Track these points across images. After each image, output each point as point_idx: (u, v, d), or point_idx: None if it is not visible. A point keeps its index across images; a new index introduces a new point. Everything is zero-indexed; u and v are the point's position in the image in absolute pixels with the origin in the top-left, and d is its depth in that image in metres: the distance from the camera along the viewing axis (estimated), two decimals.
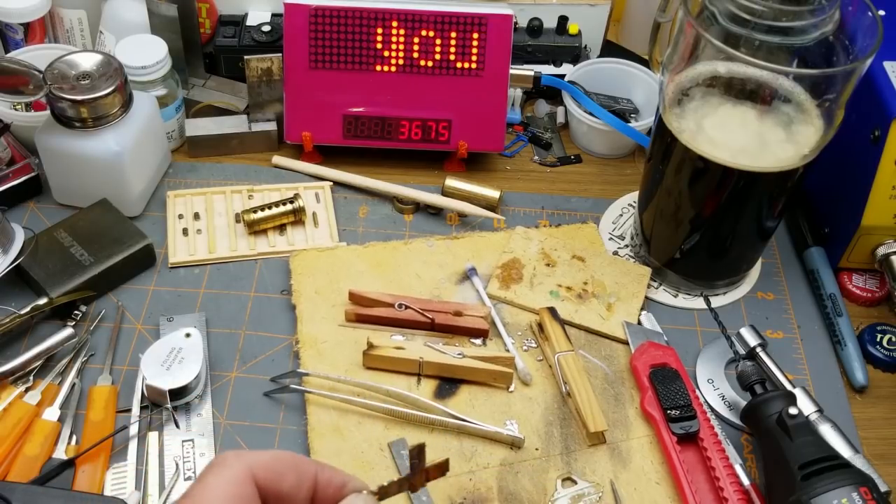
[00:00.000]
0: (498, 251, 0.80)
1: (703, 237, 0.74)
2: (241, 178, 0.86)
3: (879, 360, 0.75)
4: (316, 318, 0.74)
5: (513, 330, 0.74)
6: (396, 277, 0.77)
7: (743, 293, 0.80)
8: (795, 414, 0.62)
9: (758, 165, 0.67)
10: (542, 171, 0.90)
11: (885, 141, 0.72)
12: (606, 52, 0.99)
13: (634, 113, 0.93)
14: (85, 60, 0.76)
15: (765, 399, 0.65)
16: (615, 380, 0.72)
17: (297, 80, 0.84)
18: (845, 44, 0.66)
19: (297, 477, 0.37)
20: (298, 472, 0.37)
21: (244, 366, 0.72)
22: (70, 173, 0.79)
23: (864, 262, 0.80)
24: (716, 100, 0.69)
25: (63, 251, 0.75)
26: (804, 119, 0.67)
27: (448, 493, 0.64)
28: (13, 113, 0.83)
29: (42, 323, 0.73)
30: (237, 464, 0.35)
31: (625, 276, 0.78)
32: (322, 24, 0.82)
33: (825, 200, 0.83)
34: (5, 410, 0.66)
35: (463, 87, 0.85)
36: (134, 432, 0.66)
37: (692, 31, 0.65)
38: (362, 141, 0.87)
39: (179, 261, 0.78)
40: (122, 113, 0.77)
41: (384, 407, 0.67)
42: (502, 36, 0.83)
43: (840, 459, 0.60)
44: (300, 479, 0.37)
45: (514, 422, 0.68)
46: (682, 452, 0.65)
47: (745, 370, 0.68)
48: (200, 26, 0.90)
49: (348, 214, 0.84)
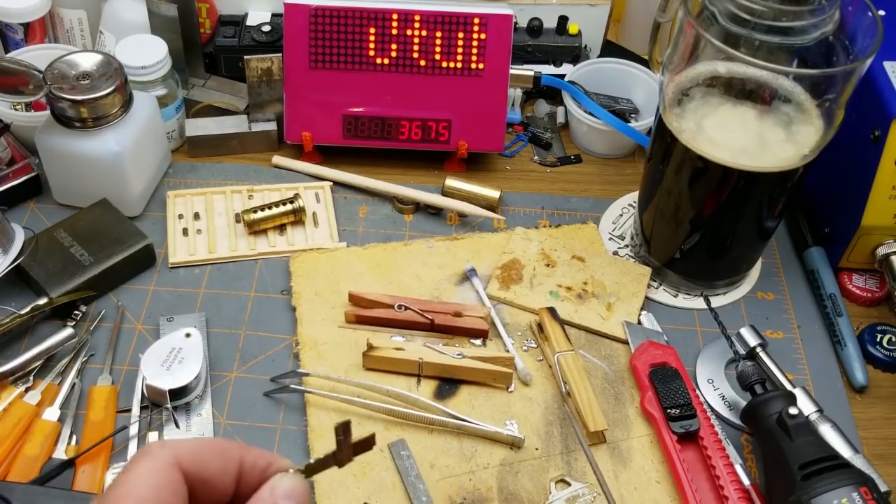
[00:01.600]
0: (498, 252, 0.80)
1: (703, 237, 0.74)
2: (241, 178, 0.86)
3: (879, 360, 0.75)
4: (316, 320, 0.74)
5: (512, 330, 0.74)
6: (396, 278, 0.77)
7: (743, 293, 0.80)
8: (795, 414, 0.62)
9: (758, 165, 0.67)
10: (542, 171, 0.90)
11: (885, 141, 0.72)
12: (606, 52, 0.99)
13: (634, 113, 0.93)
14: (85, 60, 0.76)
15: (765, 399, 0.65)
16: (615, 379, 0.72)
17: (297, 80, 0.84)
18: (845, 44, 0.66)
19: (222, 461, 0.38)
20: (223, 457, 0.38)
21: (244, 366, 0.72)
22: (70, 173, 0.79)
23: (864, 262, 0.80)
24: (716, 100, 0.69)
25: (63, 251, 0.75)
26: (804, 119, 0.67)
27: (448, 493, 0.64)
28: (13, 113, 0.83)
29: (42, 323, 0.73)
30: (162, 452, 0.37)
31: (625, 276, 0.78)
32: (322, 24, 0.82)
33: (825, 200, 0.83)
34: (5, 410, 0.66)
35: (463, 87, 0.85)
36: (134, 432, 0.66)
37: (692, 31, 0.65)
38: (362, 141, 0.87)
39: (179, 261, 0.78)
40: (122, 113, 0.77)
41: (384, 407, 0.67)
42: (502, 36, 0.83)
43: (840, 459, 0.60)
44: (225, 463, 0.38)
45: (514, 422, 0.68)
46: (682, 452, 0.65)
47: (746, 370, 0.68)
48: (200, 26, 0.90)
49: (348, 214, 0.84)
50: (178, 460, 0.37)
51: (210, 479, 0.38)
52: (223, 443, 0.39)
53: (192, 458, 0.37)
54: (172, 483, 0.36)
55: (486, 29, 0.83)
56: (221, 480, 0.38)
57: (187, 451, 0.37)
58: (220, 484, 0.38)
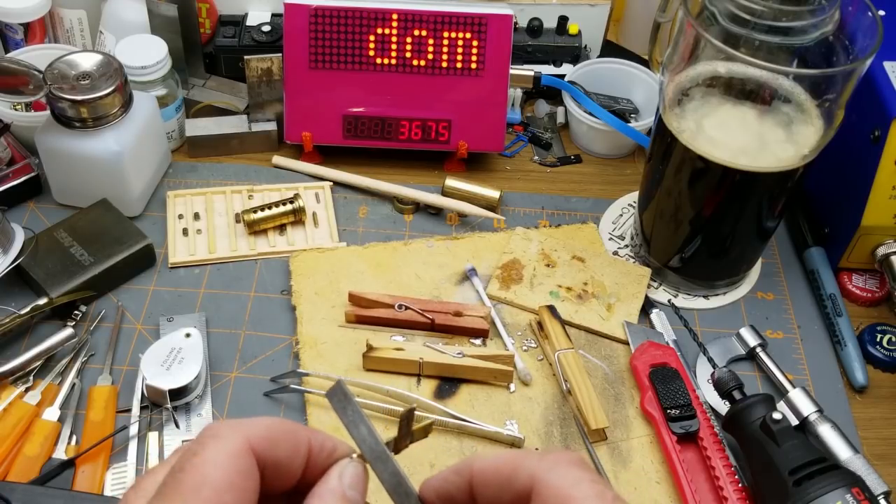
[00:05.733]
0: (498, 252, 0.80)
1: (703, 237, 0.74)
2: (241, 178, 0.86)
3: (879, 360, 0.75)
4: (316, 319, 0.74)
5: (513, 330, 0.74)
6: (396, 278, 0.77)
7: (743, 293, 0.80)
8: (779, 419, 0.62)
9: (758, 165, 0.67)
10: (542, 171, 0.90)
11: (885, 141, 0.72)
12: (606, 52, 0.99)
13: (634, 113, 0.93)
14: (85, 60, 0.76)
15: (746, 405, 0.64)
16: (615, 379, 0.72)
17: (297, 80, 0.84)
18: (845, 44, 0.66)
19: (292, 444, 0.36)
20: (294, 440, 0.36)
21: (244, 366, 0.72)
22: (70, 173, 0.79)
23: (864, 262, 0.80)
24: (716, 100, 0.69)
25: (63, 251, 0.75)
26: (804, 119, 0.67)
27: None
28: (13, 113, 0.83)
29: (42, 323, 0.73)
30: (234, 434, 0.34)
31: (625, 277, 0.78)
32: (322, 24, 0.82)
33: (825, 200, 0.83)
34: (5, 410, 0.66)
35: (463, 87, 0.85)
36: (134, 432, 0.66)
37: (692, 31, 0.65)
38: (362, 141, 0.87)
39: (179, 261, 0.78)
40: (122, 113, 0.77)
41: (384, 407, 0.67)
42: (502, 36, 0.83)
43: (828, 461, 0.60)
44: (296, 446, 0.36)
45: (514, 422, 0.68)
46: (681, 452, 0.65)
47: (723, 377, 0.67)
48: (200, 26, 0.90)
49: (348, 214, 0.84)
50: (251, 443, 0.34)
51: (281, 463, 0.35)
52: (292, 424, 0.36)
53: (265, 441, 0.34)
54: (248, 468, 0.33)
55: (486, 29, 0.83)
56: (291, 464, 0.35)
57: (259, 432, 0.34)
58: (290, 468, 0.35)
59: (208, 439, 0.33)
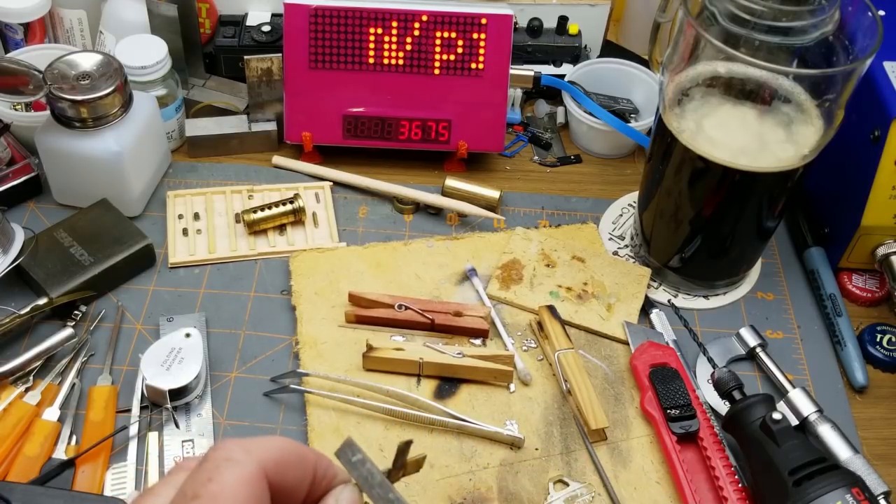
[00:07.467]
0: (498, 252, 0.80)
1: (703, 237, 0.74)
2: (241, 178, 0.86)
3: (879, 360, 0.75)
4: (316, 319, 0.74)
5: (513, 330, 0.74)
6: (396, 278, 0.77)
7: (743, 293, 0.80)
8: (779, 419, 0.62)
9: (758, 165, 0.67)
10: (541, 172, 0.90)
11: (885, 141, 0.72)
12: (606, 52, 0.99)
13: (634, 113, 0.93)
14: (85, 60, 0.76)
15: (746, 405, 0.64)
16: (615, 379, 0.72)
17: (297, 80, 0.84)
18: (845, 44, 0.66)
19: (301, 470, 0.36)
20: (302, 465, 0.36)
21: (244, 366, 0.72)
22: (70, 173, 0.79)
23: (864, 262, 0.80)
24: (716, 100, 0.69)
25: (63, 251, 0.75)
26: (804, 119, 0.67)
27: (448, 493, 0.64)
28: (13, 113, 0.83)
29: (42, 323, 0.73)
30: (248, 460, 0.33)
31: (625, 277, 0.78)
32: (322, 24, 0.82)
33: (825, 200, 0.83)
34: (5, 410, 0.66)
35: (463, 87, 0.85)
36: (134, 432, 0.66)
37: (692, 31, 0.65)
38: (362, 141, 0.87)
39: (179, 261, 0.78)
40: (122, 113, 0.77)
41: (384, 407, 0.67)
42: (502, 36, 0.83)
43: (828, 461, 0.60)
44: (304, 472, 0.36)
45: (513, 422, 0.68)
46: (681, 452, 0.65)
47: (722, 377, 0.67)
48: (200, 26, 0.90)
49: (348, 214, 0.84)
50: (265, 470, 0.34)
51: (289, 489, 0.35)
52: (302, 449, 0.36)
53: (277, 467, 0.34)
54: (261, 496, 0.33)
55: (486, 29, 0.83)
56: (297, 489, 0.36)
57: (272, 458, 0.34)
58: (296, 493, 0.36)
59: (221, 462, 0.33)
